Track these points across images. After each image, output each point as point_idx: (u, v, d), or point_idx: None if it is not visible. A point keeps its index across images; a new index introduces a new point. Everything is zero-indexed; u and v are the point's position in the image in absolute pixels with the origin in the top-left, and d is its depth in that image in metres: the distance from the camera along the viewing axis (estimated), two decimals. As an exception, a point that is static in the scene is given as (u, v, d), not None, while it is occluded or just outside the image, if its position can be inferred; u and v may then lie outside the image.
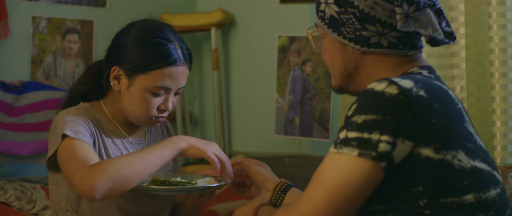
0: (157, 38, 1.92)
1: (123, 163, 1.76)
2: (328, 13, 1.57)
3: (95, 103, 2.04)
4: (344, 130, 1.41)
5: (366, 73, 1.58)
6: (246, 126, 3.31)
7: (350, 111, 1.42)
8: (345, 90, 1.64)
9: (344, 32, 1.55)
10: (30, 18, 2.88)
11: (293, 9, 3.09)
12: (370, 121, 1.38)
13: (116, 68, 1.95)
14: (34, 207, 2.54)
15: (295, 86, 3.08)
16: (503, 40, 2.28)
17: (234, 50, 3.33)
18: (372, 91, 1.41)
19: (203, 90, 3.46)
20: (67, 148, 1.83)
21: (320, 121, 3.00)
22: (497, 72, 2.29)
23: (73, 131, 1.85)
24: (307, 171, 3.05)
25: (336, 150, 1.40)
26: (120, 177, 1.74)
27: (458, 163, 1.41)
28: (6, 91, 2.72)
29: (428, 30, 1.50)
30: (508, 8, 2.28)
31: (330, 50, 1.60)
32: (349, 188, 1.39)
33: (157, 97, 1.94)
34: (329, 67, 1.64)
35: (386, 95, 1.39)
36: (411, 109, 1.39)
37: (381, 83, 1.42)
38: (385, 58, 1.55)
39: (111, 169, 1.74)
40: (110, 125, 2.01)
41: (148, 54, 1.91)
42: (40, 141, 2.77)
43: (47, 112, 2.79)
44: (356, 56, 1.56)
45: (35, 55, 2.90)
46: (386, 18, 1.51)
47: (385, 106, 1.39)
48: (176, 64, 1.92)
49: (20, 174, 2.74)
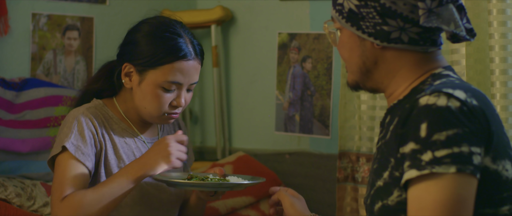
0: (167, 33, 1.92)
1: (92, 201, 1.81)
2: (347, 6, 1.53)
3: (108, 100, 2.03)
4: (426, 151, 1.34)
5: (385, 70, 1.55)
6: (246, 123, 3.31)
7: (422, 132, 1.35)
8: (362, 86, 1.60)
9: (364, 27, 1.52)
10: (30, 15, 2.88)
11: (294, 6, 3.08)
12: (454, 135, 1.33)
13: (127, 65, 1.95)
14: (34, 204, 2.54)
15: (295, 83, 3.08)
16: (503, 37, 2.28)
17: (234, 47, 3.33)
18: (436, 107, 1.36)
19: (203, 87, 3.46)
20: (62, 164, 1.88)
21: (320, 118, 3.00)
22: (497, 69, 2.29)
23: (74, 146, 1.87)
24: (307, 168, 3.05)
25: (427, 171, 1.33)
26: (88, 214, 1.81)
27: (505, 173, 1.39)
28: (6, 88, 2.72)
29: (450, 26, 1.48)
30: (508, 5, 2.28)
31: (348, 45, 1.57)
32: (465, 204, 1.32)
33: (168, 93, 1.93)
34: (347, 62, 1.60)
35: (453, 109, 1.36)
36: (476, 119, 1.36)
37: (437, 97, 1.38)
38: (405, 54, 1.53)
39: (81, 209, 1.79)
40: (122, 124, 2.00)
41: (158, 48, 1.90)
42: (40, 138, 2.77)
43: (47, 109, 2.79)
44: (375, 51, 1.53)
45: (35, 52, 2.90)
46: (408, 13, 1.48)
47: (459, 119, 1.35)
48: (186, 59, 1.92)
49: (20, 171, 2.74)
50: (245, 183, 1.92)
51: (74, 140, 1.87)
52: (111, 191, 1.83)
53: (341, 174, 2.73)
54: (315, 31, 3.01)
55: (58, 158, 1.87)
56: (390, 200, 1.45)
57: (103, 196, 1.82)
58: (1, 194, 2.47)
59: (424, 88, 1.49)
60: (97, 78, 2.05)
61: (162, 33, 1.91)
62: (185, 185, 1.90)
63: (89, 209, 1.79)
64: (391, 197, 1.45)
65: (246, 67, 3.29)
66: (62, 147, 1.86)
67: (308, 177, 3.05)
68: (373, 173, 1.54)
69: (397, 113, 1.50)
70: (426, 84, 1.51)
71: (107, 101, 2.02)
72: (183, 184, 1.90)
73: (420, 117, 1.38)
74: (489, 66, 2.32)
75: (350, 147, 2.72)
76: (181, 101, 1.95)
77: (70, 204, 1.79)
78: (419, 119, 1.38)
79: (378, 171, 1.51)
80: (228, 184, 1.91)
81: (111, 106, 2.01)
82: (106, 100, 2.02)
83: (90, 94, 2.05)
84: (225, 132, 3.33)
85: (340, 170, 2.73)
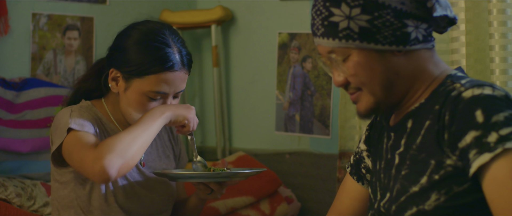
0: (155, 42, 1.90)
1: (126, 139, 1.81)
2: (355, 27, 1.48)
3: (96, 101, 2.04)
4: (491, 133, 1.36)
5: (406, 76, 1.52)
6: (246, 123, 3.31)
7: (478, 118, 1.37)
8: (383, 106, 1.55)
9: (381, 39, 1.48)
10: (30, 15, 2.88)
11: (294, 6, 3.08)
12: (510, 116, 1.36)
13: (114, 70, 1.95)
14: (35, 204, 2.54)
15: (295, 83, 3.08)
16: (503, 37, 2.28)
17: (234, 47, 3.33)
18: (484, 95, 1.39)
19: (203, 87, 3.46)
20: (73, 139, 1.85)
21: (320, 118, 3.00)
22: (498, 69, 2.29)
23: (78, 124, 1.87)
24: (307, 168, 3.05)
25: (500, 149, 1.34)
26: (128, 152, 1.80)
27: None
28: (6, 88, 2.72)
29: (451, 12, 1.49)
30: (508, 5, 2.28)
31: (367, 65, 1.50)
32: None
33: (153, 101, 1.93)
34: (367, 86, 1.53)
35: (500, 97, 1.40)
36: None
37: (482, 88, 1.41)
38: (419, 54, 1.52)
39: (118, 146, 1.78)
40: (111, 124, 2.01)
41: (145, 58, 1.90)
42: (41, 138, 2.77)
43: (47, 108, 2.79)
44: (397, 60, 1.50)
45: (35, 52, 2.90)
46: (415, 10, 1.48)
47: (508, 104, 1.39)
48: (173, 70, 1.91)
49: (20, 171, 2.74)
50: (245, 172, 1.93)
51: (76, 122, 1.87)
52: (141, 130, 1.84)
53: (341, 174, 2.73)
54: (315, 31, 3.01)
55: (66, 140, 1.86)
56: (427, 205, 1.44)
57: (136, 136, 1.82)
58: (1, 194, 2.47)
59: (448, 88, 1.48)
60: (88, 77, 2.06)
61: (150, 43, 1.90)
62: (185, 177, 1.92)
63: (128, 144, 1.79)
64: (428, 201, 1.44)
65: (246, 67, 3.29)
66: (67, 131, 1.86)
67: (308, 177, 3.05)
68: (402, 178, 1.51)
69: (427, 116, 1.49)
70: (447, 84, 1.50)
71: (95, 102, 2.03)
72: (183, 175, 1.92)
73: (471, 107, 1.39)
74: (489, 66, 2.32)
75: (350, 147, 2.72)
76: None
77: (108, 144, 1.77)
78: (471, 108, 1.39)
79: (410, 177, 1.49)
80: (227, 173, 1.91)
81: (100, 107, 2.02)
82: (94, 101, 2.03)
83: (80, 93, 2.05)
84: (225, 132, 3.33)
85: (340, 170, 2.73)
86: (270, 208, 2.86)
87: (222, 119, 3.32)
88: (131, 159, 1.79)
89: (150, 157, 2.05)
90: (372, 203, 1.65)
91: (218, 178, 1.92)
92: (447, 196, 1.43)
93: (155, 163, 2.07)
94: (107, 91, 2.02)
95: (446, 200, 1.43)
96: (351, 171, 1.79)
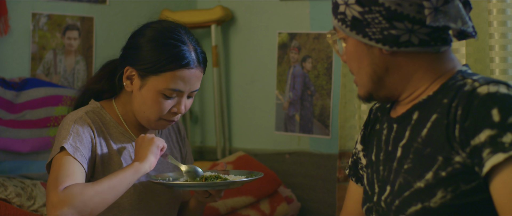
0: (171, 39, 1.90)
1: (90, 193, 1.76)
2: (349, 14, 1.48)
3: (106, 102, 2.02)
4: (506, 134, 1.33)
5: (399, 75, 1.50)
6: (246, 123, 3.31)
7: (494, 117, 1.35)
8: (375, 97, 1.55)
9: (370, 33, 1.46)
10: (30, 15, 2.88)
11: (294, 6, 3.08)
12: None
13: (129, 68, 1.94)
14: (34, 204, 2.54)
15: (295, 83, 3.08)
16: (503, 36, 2.28)
17: (234, 46, 3.33)
18: (501, 94, 1.37)
19: (203, 87, 3.46)
20: (59, 163, 1.83)
21: (320, 117, 3.00)
22: (497, 68, 2.29)
23: (73, 146, 1.85)
24: (307, 168, 3.05)
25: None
26: (87, 207, 1.75)
27: None
28: (6, 87, 2.72)
29: (458, 23, 1.44)
30: (508, 5, 2.28)
31: (356, 55, 1.51)
32: None
33: (169, 99, 1.92)
34: (356, 74, 1.54)
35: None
36: None
37: (497, 86, 1.38)
38: (418, 57, 1.48)
39: (78, 199, 1.74)
40: (120, 128, 1.99)
41: (161, 55, 1.89)
42: (41, 137, 2.77)
43: (47, 108, 2.79)
44: (385, 57, 1.48)
45: (35, 52, 2.90)
46: (415, 13, 1.44)
47: None
48: (189, 67, 1.90)
49: (20, 170, 2.74)
50: (241, 181, 1.92)
51: (72, 141, 1.86)
52: (112, 183, 1.80)
53: (341, 174, 2.73)
54: (315, 31, 3.01)
55: (56, 157, 1.86)
56: (433, 202, 1.42)
57: (106, 188, 1.79)
58: (1, 194, 2.47)
59: (458, 83, 1.46)
60: (99, 78, 2.04)
61: (166, 40, 1.90)
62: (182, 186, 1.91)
63: (89, 200, 1.75)
64: (434, 198, 1.42)
65: (246, 67, 3.30)
66: (60, 148, 1.85)
67: (308, 177, 3.05)
68: (404, 172, 1.49)
69: (434, 109, 1.46)
70: (458, 79, 1.47)
71: (105, 104, 2.01)
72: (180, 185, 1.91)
73: (488, 104, 1.36)
74: (489, 66, 2.32)
75: (350, 147, 2.72)
76: (181, 108, 1.94)
77: (71, 193, 1.73)
78: (488, 106, 1.36)
79: (413, 171, 1.47)
80: (223, 183, 1.90)
81: (110, 108, 2.01)
82: (104, 102, 2.02)
83: (90, 94, 2.04)
84: (225, 132, 3.33)
85: (340, 170, 2.73)
86: (270, 208, 2.86)
87: (222, 119, 3.32)
88: (89, 214, 1.77)
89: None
90: (369, 196, 1.61)
91: (214, 187, 1.91)
92: (454, 194, 1.41)
93: (163, 164, 2.06)
94: (120, 91, 2.01)
95: (453, 198, 1.41)
96: (350, 173, 1.78)
